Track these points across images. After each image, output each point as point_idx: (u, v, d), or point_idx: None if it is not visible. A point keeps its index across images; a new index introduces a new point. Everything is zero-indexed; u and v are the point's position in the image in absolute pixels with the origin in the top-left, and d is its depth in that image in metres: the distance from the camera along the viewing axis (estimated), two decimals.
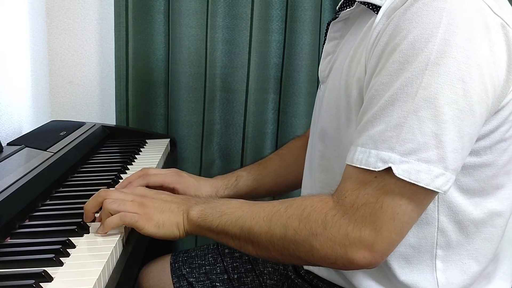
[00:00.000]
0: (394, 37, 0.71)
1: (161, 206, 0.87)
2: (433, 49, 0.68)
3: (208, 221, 0.84)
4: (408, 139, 0.68)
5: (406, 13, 0.71)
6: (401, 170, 0.68)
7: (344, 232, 0.71)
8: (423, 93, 0.68)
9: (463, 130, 0.69)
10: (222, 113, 1.61)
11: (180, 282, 1.10)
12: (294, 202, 0.79)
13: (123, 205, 0.86)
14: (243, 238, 0.80)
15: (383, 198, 0.70)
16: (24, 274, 0.71)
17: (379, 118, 0.71)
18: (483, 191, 0.80)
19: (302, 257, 0.76)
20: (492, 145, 0.77)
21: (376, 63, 0.74)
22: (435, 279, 0.81)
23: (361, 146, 0.72)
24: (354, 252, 0.71)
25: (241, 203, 0.84)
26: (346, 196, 0.72)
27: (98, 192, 0.90)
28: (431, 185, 0.69)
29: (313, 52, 1.54)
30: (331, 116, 0.87)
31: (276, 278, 1.08)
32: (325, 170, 0.90)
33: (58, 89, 1.68)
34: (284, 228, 0.76)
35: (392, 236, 0.71)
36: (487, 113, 0.73)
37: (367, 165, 0.70)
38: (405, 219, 0.71)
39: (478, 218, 0.81)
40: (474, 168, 0.78)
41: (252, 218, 0.79)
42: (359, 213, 0.71)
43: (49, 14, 1.63)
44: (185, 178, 1.10)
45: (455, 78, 0.68)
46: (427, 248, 0.81)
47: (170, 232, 0.86)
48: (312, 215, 0.74)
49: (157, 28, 1.57)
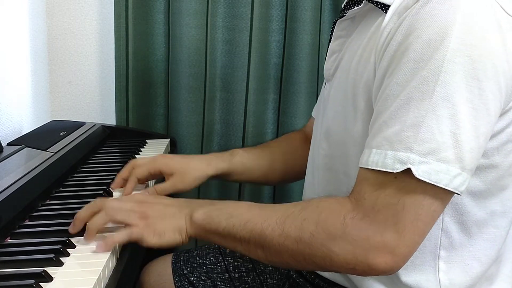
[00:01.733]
0: (407, 36, 0.70)
1: (162, 212, 0.84)
2: (449, 47, 0.67)
3: (214, 224, 0.80)
4: (426, 139, 0.67)
5: (420, 12, 0.70)
6: (421, 171, 0.67)
7: (365, 235, 0.69)
8: (440, 91, 0.67)
9: (479, 130, 0.69)
10: (222, 113, 1.61)
11: (181, 282, 1.10)
12: (309, 204, 0.76)
13: (127, 216, 0.83)
14: (252, 242, 0.77)
15: (404, 199, 0.68)
16: (24, 274, 0.71)
17: (394, 119, 0.69)
18: (489, 192, 0.79)
19: (318, 262, 0.73)
20: (499, 146, 0.76)
21: (389, 63, 0.72)
22: (437, 279, 0.81)
23: (376, 148, 0.70)
24: (376, 256, 0.68)
25: (250, 205, 0.81)
26: (365, 198, 0.70)
27: (94, 202, 0.86)
28: (449, 186, 0.68)
29: (313, 52, 1.54)
30: (336, 114, 0.86)
31: (277, 277, 1.08)
32: (328, 169, 0.90)
33: (58, 89, 1.68)
34: (299, 231, 0.73)
35: (415, 238, 0.69)
36: (499, 112, 0.72)
37: (384, 167, 0.69)
38: (427, 220, 0.69)
39: (481, 218, 0.80)
40: (482, 170, 0.77)
41: (264, 220, 0.76)
42: (380, 215, 0.68)
43: (49, 14, 1.63)
44: (169, 158, 1.08)
45: (470, 77, 0.67)
46: (430, 249, 0.80)
47: (172, 239, 0.83)
48: (330, 218, 0.71)
49: (157, 28, 1.57)
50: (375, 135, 0.71)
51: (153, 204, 0.86)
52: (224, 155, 1.12)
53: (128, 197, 0.90)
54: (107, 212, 0.83)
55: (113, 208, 0.84)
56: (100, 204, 0.84)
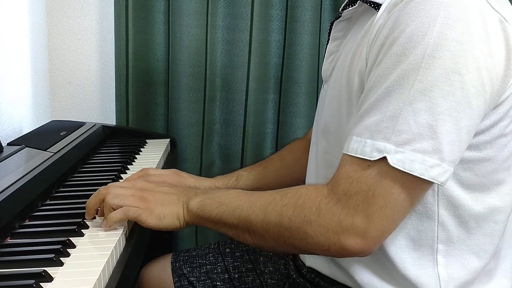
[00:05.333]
0: (393, 30, 0.73)
1: (162, 199, 0.89)
2: (430, 42, 0.70)
3: (207, 212, 0.85)
4: (403, 130, 0.70)
5: (406, 7, 0.73)
6: (396, 160, 0.70)
7: (337, 219, 0.73)
8: (418, 86, 0.70)
9: (460, 122, 0.71)
10: (222, 113, 1.61)
11: (181, 282, 1.10)
12: (289, 191, 0.80)
13: (125, 200, 0.88)
14: (240, 228, 0.82)
15: (375, 186, 0.71)
16: (24, 274, 0.71)
17: (375, 109, 0.72)
18: (484, 186, 0.80)
19: (296, 244, 0.77)
20: (492, 140, 0.78)
21: (376, 56, 0.75)
22: (436, 273, 0.82)
23: (357, 136, 0.73)
24: (347, 239, 0.72)
25: (239, 193, 0.86)
26: (340, 184, 0.74)
27: (99, 190, 0.91)
28: (425, 175, 0.70)
29: (313, 52, 1.54)
30: (333, 112, 0.88)
31: (277, 278, 1.08)
32: (329, 166, 0.91)
33: (58, 89, 1.68)
34: (279, 216, 0.78)
35: (383, 224, 0.72)
36: (485, 106, 0.74)
37: (363, 154, 0.72)
38: (396, 208, 0.72)
39: (478, 213, 0.81)
40: (474, 163, 0.78)
41: (249, 207, 0.81)
42: (351, 200, 0.72)
43: (49, 14, 1.63)
44: (185, 178, 1.12)
45: (451, 71, 0.69)
46: (428, 242, 0.81)
47: (171, 223, 0.88)
48: (307, 203, 0.76)
49: (157, 28, 1.57)
50: (357, 123, 0.75)
51: (154, 192, 0.91)
52: (230, 180, 1.16)
53: (131, 182, 0.95)
54: (108, 199, 0.88)
55: (117, 194, 0.89)
56: (104, 192, 0.90)
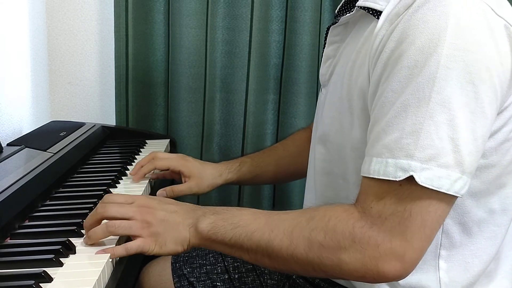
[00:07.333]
0: (401, 43, 0.71)
1: (165, 221, 0.82)
2: (442, 53, 0.68)
3: (220, 234, 0.79)
4: (426, 145, 0.68)
5: (412, 18, 0.71)
6: (424, 178, 0.67)
7: (374, 243, 0.69)
8: (437, 98, 0.68)
9: (476, 133, 0.69)
10: (222, 114, 1.61)
11: (181, 282, 1.10)
12: (315, 213, 0.76)
13: (128, 230, 0.81)
14: (260, 252, 0.77)
15: (411, 206, 0.68)
16: (24, 275, 0.71)
17: (391, 126, 0.70)
18: (487, 191, 0.80)
19: (327, 271, 0.74)
20: (497, 145, 0.77)
21: (383, 70, 0.73)
22: (438, 278, 0.81)
23: (377, 157, 0.71)
24: (385, 264, 0.69)
25: (255, 214, 0.80)
26: (372, 206, 0.71)
27: (95, 209, 0.83)
28: (451, 190, 0.68)
29: (313, 52, 1.54)
30: (333, 120, 0.86)
31: (277, 278, 1.08)
32: (326, 173, 0.90)
33: (58, 89, 1.68)
34: (308, 241, 0.73)
35: (423, 244, 0.70)
36: (496, 113, 0.73)
37: (386, 175, 0.69)
38: (434, 226, 0.70)
39: (481, 218, 0.81)
40: (481, 170, 0.77)
41: (271, 230, 0.76)
42: (387, 223, 0.69)
43: (49, 14, 1.63)
44: (190, 161, 1.15)
45: (465, 81, 0.68)
46: (431, 249, 0.79)
47: (173, 250, 0.82)
48: (339, 227, 0.72)
49: (157, 29, 1.57)
50: (374, 143, 0.72)
51: (156, 211, 0.83)
52: (233, 165, 1.17)
53: (131, 198, 0.86)
54: (108, 226, 0.81)
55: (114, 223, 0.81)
56: (101, 212, 0.82)
